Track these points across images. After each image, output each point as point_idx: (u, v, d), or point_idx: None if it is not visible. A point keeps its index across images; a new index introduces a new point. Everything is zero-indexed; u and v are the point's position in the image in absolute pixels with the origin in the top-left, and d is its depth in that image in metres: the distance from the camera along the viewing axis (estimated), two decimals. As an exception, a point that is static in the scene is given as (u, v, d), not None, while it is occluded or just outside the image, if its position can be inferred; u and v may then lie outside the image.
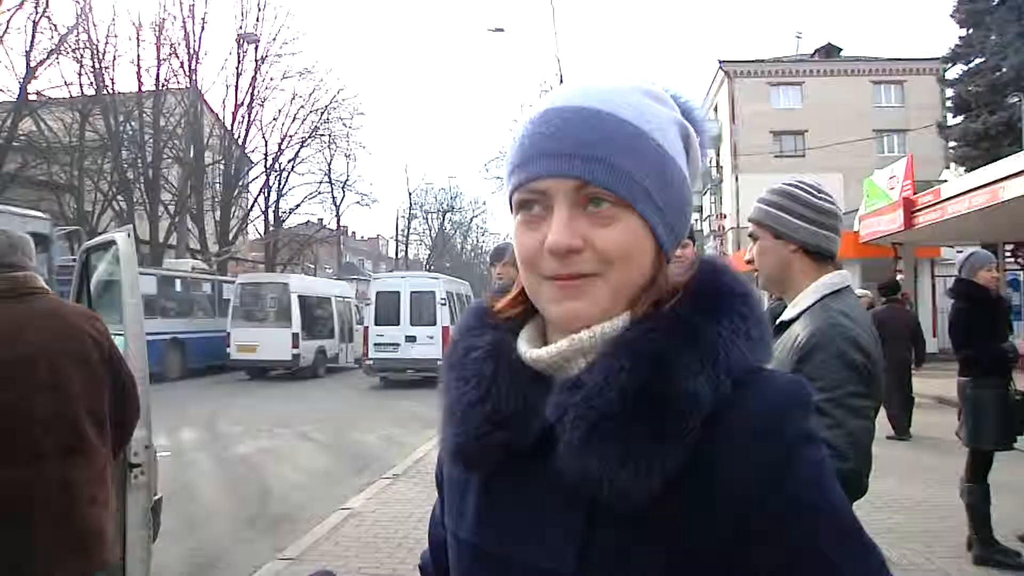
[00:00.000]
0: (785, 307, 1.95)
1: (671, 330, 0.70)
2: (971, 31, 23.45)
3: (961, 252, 5.40)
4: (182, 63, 27.46)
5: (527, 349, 0.77)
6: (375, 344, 16.91)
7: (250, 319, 18.82)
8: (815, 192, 1.91)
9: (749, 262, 2.02)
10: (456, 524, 0.83)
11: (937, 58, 27.18)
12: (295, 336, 18.55)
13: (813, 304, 1.83)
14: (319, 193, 36.63)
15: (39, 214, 10.63)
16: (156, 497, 3.40)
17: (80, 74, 23.95)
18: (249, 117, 30.49)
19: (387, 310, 16.94)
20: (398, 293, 17.13)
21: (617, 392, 0.68)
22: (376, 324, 17.00)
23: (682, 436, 0.66)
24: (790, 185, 1.93)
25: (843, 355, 1.69)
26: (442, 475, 0.91)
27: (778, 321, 1.88)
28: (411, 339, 16.71)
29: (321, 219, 40.22)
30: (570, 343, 0.73)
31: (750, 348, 0.72)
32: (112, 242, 3.37)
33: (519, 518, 0.75)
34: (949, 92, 25.53)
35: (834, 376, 1.66)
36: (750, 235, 2.01)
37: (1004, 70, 21.90)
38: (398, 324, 16.80)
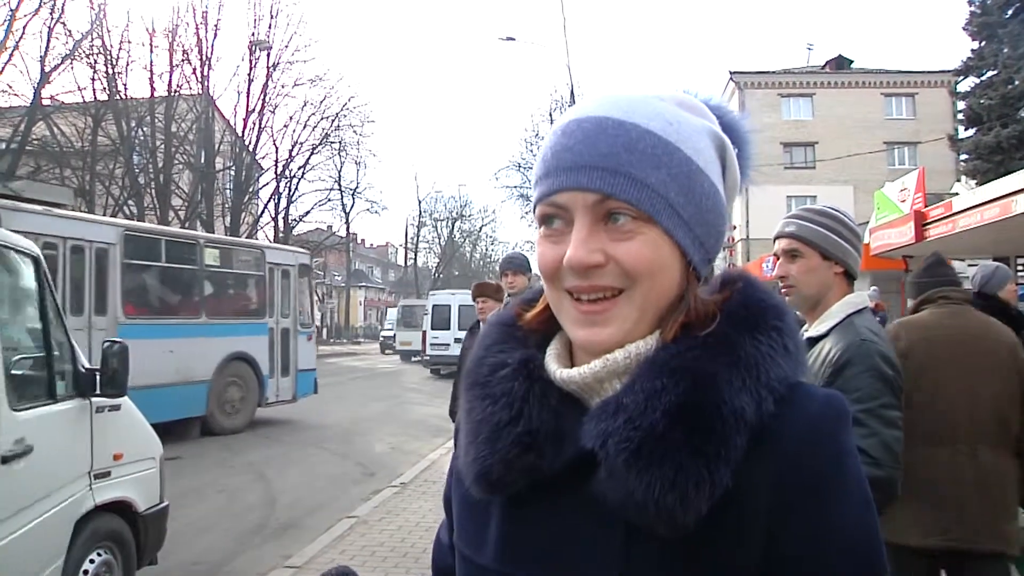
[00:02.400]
0: (801, 324, 1.96)
1: (709, 348, 0.68)
2: (984, 44, 23.31)
3: (974, 266, 5.32)
4: (194, 69, 27.60)
5: (557, 368, 0.74)
6: (431, 344, 22.11)
7: (407, 326, 27.40)
8: (851, 217, 2.02)
9: (783, 278, 2.01)
10: (474, 550, 0.79)
11: (949, 70, 27.06)
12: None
13: (840, 322, 1.92)
14: (329, 200, 36.82)
15: (301, 250, 13.85)
16: (163, 505, 3.40)
17: (93, 79, 23.99)
18: (260, 123, 30.54)
19: (440, 319, 21.97)
20: (449, 306, 22.20)
21: (661, 412, 0.65)
22: (432, 329, 22.11)
23: (729, 455, 0.64)
24: (831, 208, 2.03)
25: (876, 368, 1.79)
26: (451, 498, 0.87)
27: (805, 337, 1.89)
28: (459, 341, 19.33)
29: (331, 226, 40.37)
30: (604, 364, 0.71)
31: (788, 362, 0.70)
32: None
33: (549, 544, 0.72)
34: (961, 105, 25.38)
35: (868, 388, 1.76)
36: (788, 251, 2.00)
37: (1017, 83, 21.77)
38: (449, 329, 21.48)
